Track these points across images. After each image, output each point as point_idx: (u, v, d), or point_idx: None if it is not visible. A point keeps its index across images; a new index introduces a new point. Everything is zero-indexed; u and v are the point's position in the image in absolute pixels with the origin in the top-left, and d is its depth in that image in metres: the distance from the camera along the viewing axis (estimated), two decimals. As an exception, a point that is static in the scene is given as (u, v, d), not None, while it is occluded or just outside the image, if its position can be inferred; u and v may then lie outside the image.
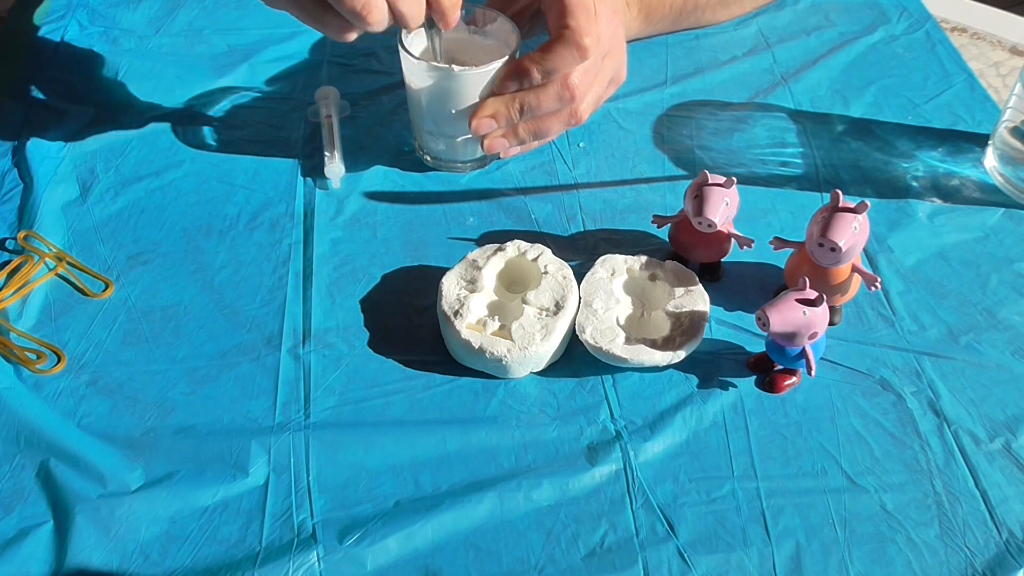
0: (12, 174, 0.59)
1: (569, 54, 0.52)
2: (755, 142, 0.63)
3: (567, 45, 0.51)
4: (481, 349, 0.46)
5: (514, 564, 0.41)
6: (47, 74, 0.68)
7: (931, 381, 0.48)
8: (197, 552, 0.41)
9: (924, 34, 0.72)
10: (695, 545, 0.41)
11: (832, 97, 0.66)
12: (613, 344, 0.47)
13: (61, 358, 0.49)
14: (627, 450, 0.45)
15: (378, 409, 0.47)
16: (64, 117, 0.63)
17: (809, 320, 0.43)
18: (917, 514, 0.43)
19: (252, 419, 0.46)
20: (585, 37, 0.51)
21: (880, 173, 0.61)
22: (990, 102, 0.66)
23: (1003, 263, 0.54)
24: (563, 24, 0.51)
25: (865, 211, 0.45)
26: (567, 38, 0.51)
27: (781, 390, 0.47)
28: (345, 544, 0.41)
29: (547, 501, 0.43)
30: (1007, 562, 0.41)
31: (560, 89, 0.54)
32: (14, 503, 0.42)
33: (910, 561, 0.41)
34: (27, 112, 0.63)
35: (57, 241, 0.55)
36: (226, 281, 0.53)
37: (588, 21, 0.51)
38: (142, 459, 0.44)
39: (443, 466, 0.44)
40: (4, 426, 0.45)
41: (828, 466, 0.44)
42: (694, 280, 0.50)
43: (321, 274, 0.53)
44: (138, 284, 0.53)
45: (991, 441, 0.45)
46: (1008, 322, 0.51)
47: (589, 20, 0.51)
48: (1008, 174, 0.59)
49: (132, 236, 0.55)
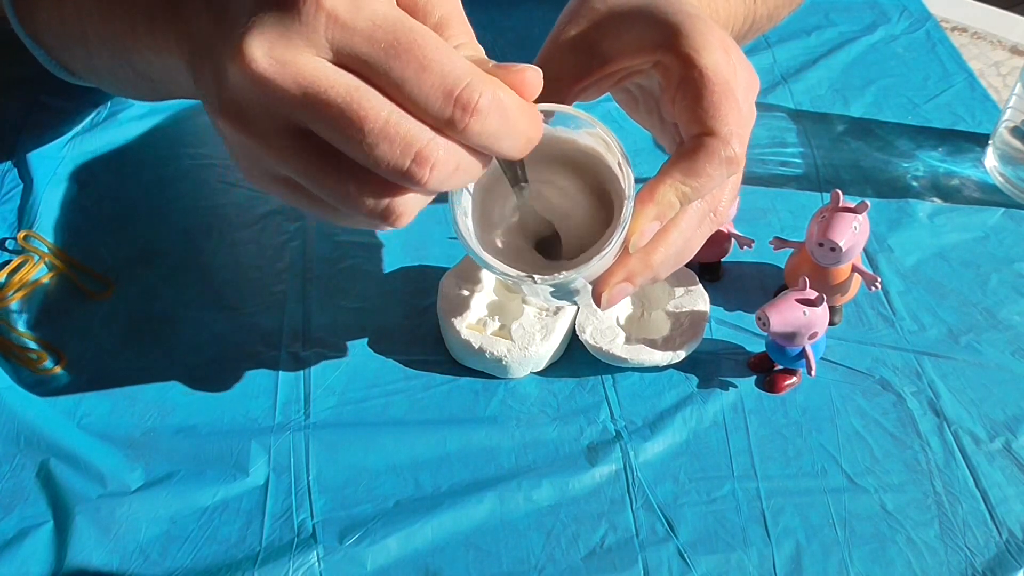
0: (12, 174, 0.59)
1: (719, 173, 0.36)
2: (755, 142, 0.62)
3: (715, 161, 0.36)
4: (481, 349, 0.46)
5: (514, 564, 0.41)
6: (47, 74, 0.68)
7: (931, 381, 0.48)
8: (197, 552, 0.41)
9: (924, 34, 0.72)
10: (695, 545, 0.41)
11: (832, 97, 0.66)
12: (613, 344, 0.47)
13: (61, 358, 0.49)
14: (627, 450, 0.45)
15: (378, 409, 0.47)
16: (64, 117, 0.63)
17: (809, 320, 0.43)
18: (917, 514, 0.43)
19: (252, 419, 0.46)
20: (736, 143, 0.36)
21: (880, 173, 0.61)
22: (990, 102, 0.66)
23: (1003, 263, 0.54)
24: (705, 128, 0.36)
25: (865, 211, 0.45)
26: (714, 151, 0.36)
27: (781, 390, 0.47)
28: (345, 544, 0.41)
29: (547, 501, 0.43)
30: (1007, 562, 0.41)
31: (709, 205, 0.39)
32: (14, 503, 0.42)
33: (910, 561, 0.41)
34: (27, 112, 0.63)
35: (57, 241, 0.55)
36: (226, 281, 0.53)
37: (736, 114, 0.36)
38: (142, 459, 0.44)
39: (443, 466, 0.44)
40: (4, 426, 0.45)
41: (828, 466, 0.44)
42: (694, 280, 0.50)
43: (321, 274, 0.53)
44: (138, 284, 0.53)
45: (991, 441, 0.45)
46: (1008, 322, 0.51)
47: (737, 113, 0.36)
48: (1008, 174, 0.59)
49: (132, 236, 0.55)
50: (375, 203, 0.31)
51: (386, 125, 0.29)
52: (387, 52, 0.29)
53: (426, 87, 0.29)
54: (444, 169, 0.30)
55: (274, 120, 0.30)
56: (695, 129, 0.36)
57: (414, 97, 0.29)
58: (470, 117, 0.29)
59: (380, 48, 0.29)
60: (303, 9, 0.29)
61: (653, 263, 0.38)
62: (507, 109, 0.30)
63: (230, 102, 0.30)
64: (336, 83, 0.29)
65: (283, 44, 0.29)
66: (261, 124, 0.30)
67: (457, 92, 0.29)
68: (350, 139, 0.29)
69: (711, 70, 0.36)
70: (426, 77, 0.29)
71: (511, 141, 0.31)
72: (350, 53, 0.29)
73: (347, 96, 0.29)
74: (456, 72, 0.29)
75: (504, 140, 0.31)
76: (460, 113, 0.29)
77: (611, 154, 0.38)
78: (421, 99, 0.29)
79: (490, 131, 0.30)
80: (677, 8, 0.38)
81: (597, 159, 0.39)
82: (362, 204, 0.31)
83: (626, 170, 0.36)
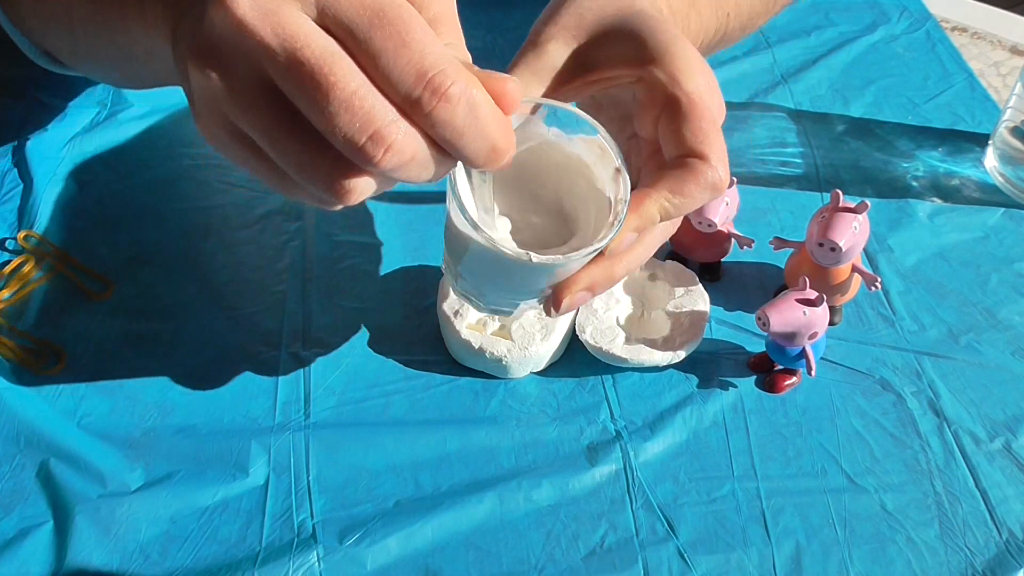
0: (12, 174, 0.59)
1: (704, 195, 0.37)
2: (755, 142, 0.63)
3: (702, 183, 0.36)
4: (481, 349, 0.46)
5: (514, 564, 0.41)
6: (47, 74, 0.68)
7: (931, 381, 0.48)
8: (197, 552, 0.41)
9: (924, 34, 0.72)
10: (695, 545, 0.41)
11: (832, 97, 0.66)
12: (613, 344, 0.47)
13: (61, 358, 0.48)
14: (627, 450, 0.45)
15: (378, 409, 0.47)
16: (64, 117, 0.63)
17: (809, 320, 0.43)
18: (917, 514, 0.43)
19: (252, 419, 0.46)
20: (722, 168, 0.36)
21: (880, 173, 0.61)
22: (990, 102, 0.66)
23: (1003, 263, 0.54)
24: (694, 151, 0.36)
25: (865, 211, 0.45)
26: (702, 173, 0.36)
27: (781, 390, 0.47)
28: (345, 544, 0.41)
29: (547, 501, 0.43)
30: (1007, 562, 0.41)
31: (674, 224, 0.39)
32: (14, 503, 0.42)
33: (910, 561, 0.41)
34: (27, 112, 0.63)
35: (57, 241, 0.55)
36: (226, 281, 0.53)
37: (720, 140, 0.37)
38: (142, 459, 0.44)
39: (443, 466, 0.44)
40: (4, 426, 0.45)
41: (828, 466, 0.44)
42: (694, 280, 0.50)
43: (321, 274, 0.53)
44: (138, 284, 0.53)
45: (991, 441, 0.45)
46: (1008, 322, 0.51)
47: (721, 139, 0.37)
48: (1008, 174, 0.59)
49: (132, 236, 0.55)
50: (326, 174, 0.30)
51: (352, 96, 0.28)
52: (371, 21, 0.29)
53: (401, 62, 0.29)
54: (399, 155, 0.29)
55: (246, 68, 0.29)
56: (682, 151, 0.36)
57: (388, 71, 0.29)
58: (438, 101, 0.29)
59: (365, 16, 0.29)
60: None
61: (615, 274, 0.38)
62: (478, 108, 0.30)
63: (205, 42, 0.30)
64: (313, 43, 0.28)
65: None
66: (232, 70, 0.30)
67: (431, 75, 0.29)
68: (314, 103, 0.29)
69: (697, 95, 0.36)
70: (403, 52, 0.29)
71: (476, 143, 0.30)
72: (334, 16, 0.29)
73: (321, 58, 0.28)
74: (434, 55, 0.29)
75: (468, 140, 0.30)
76: (428, 95, 0.29)
77: (604, 164, 0.37)
78: (395, 74, 0.29)
79: (455, 123, 0.29)
80: (664, 28, 0.38)
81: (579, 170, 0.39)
82: (313, 173, 0.30)
83: (624, 178, 0.36)
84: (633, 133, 0.40)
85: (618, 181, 0.36)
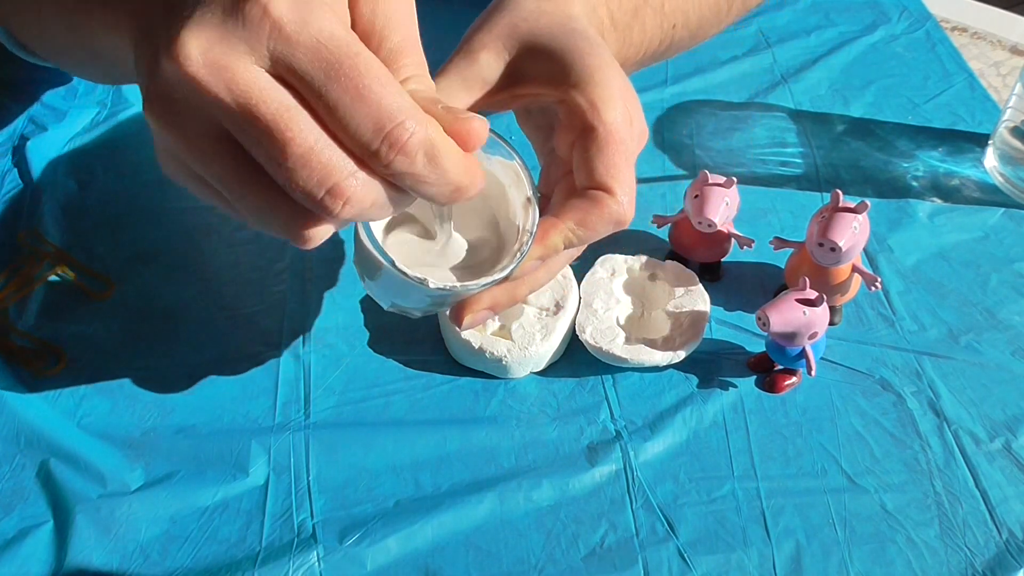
0: (12, 174, 0.59)
1: (608, 228, 0.38)
2: (755, 142, 0.63)
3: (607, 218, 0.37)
4: (481, 349, 0.46)
5: (514, 564, 0.41)
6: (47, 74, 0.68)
7: (931, 381, 0.48)
8: (197, 552, 0.41)
9: (924, 34, 0.72)
10: (695, 545, 0.41)
11: (832, 97, 0.66)
12: (613, 344, 0.47)
13: (61, 358, 0.49)
14: (627, 450, 0.45)
15: (378, 409, 0.47)
16: (64, 117, 0.63)
17: (809, 320, 0.43)
18: (917, 514, 0.43)
19: (252, 419, 0.46)
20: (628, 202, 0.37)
21: (880, 173, 0.61)
22: (990, 102, 0.66)
23: (1003, 263, 0.54)
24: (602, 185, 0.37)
25: (865, 211, 0.45)
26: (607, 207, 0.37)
27: (781, 390, 0.47)
28: (345, 544, 0.41)
29: (547, 501, 0.43)
30: (1007, 562, 0.41)
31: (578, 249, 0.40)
32: (14, 503, 0.43)
33: (910, 561, 0.41)
34: (27, 112, 0.63)
35: (57, 241, 0.55)
36: (226, 281, 0.53)
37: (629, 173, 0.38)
38: (142, 459, 0.44)
39: (443, 466, 0.44)
40: (4, 426, 0.45)
41: (828, 466, 0.44)
42: (694, 280, 0.50)
43: (321, 274, 0.53)
44: (138, 284, 0.53)
45: (991, 441, 0.45)
46: (1008, 322, 0.51)
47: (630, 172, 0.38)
48: (1008, 174, 0.59)
49: (132, 236, 0.55)
50: (285, 224, 0.31)
51: (309, 152, 0.28)
52: (327, 73, 0.28)
53: (359, 116, 0.28)
54: (358, 205, 0.29)
55: (200, 122, 0.29)
56: (592, 183, 0.37)
57: (345, 124, 0.28)
58: (396, 155, 0.29)
59: (320, 68, 0.28)
60: (249, 13, 0.28)
61: (518, 296, 0.40)
62: (438, 155, 0.30)
63: (159, 95, 0.29)
64: (269, 98, 0.28)
65: (222, 46, 0.28)
66: (186, 123, 0.29)
67: (389, 128, 0.28)
68: (272, 158, 0.28)
69: (614, 127, 0.37)
70: (360, 106, 0.28)
71: (437, 188, 0.30)
72: (289, 67, 0.28)
73: (277, 114, 0.28)
74: (393, 107, 0.29)
75: (429, 186, 0.30)
76: (386, 149, 0.29)
77: (519, 189, 0.38)
78: (351, 127, 0.28)
79: (414, 173, 0.30)
80: (593, 50, 0.38)
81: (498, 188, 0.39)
82: (272, 221, 0.31)
83: (533, 209, 0.37)
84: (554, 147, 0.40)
85: (527, 211, 0.37)
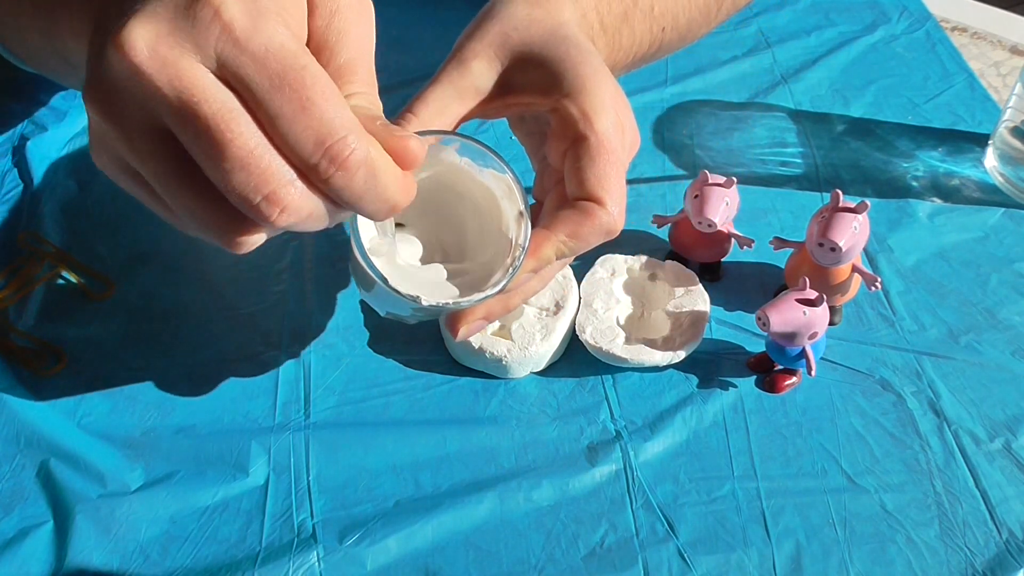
0: (12, 174, 0.59)
1: (598, 238, 0.38)
2: (755, 142, 0.63)
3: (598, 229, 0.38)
4: (481, 349, 0.46)
5: (514, 564, 0.41)
6: (47, 74, 0.68)
7: (931, 381, 0.48)
8: (197, 552, 0.41)
9: (924, 34, 0.72)
10: (695, 545, 0.41)
11: (832, 97, 0.66)
12: (613, 344, 0.47)
13: (61, 358, 0.48)
14: (627, 450, 0.45)
15: (378, 409, 0.47)
16: (64, 117, 0.63)
17: (809, 320, 0.43)
18: (917, 514, 0.43)
19: (252, 419, 0.46)
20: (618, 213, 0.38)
21: (880, 173, 0.61)
22: (990, 102, 0.66)
23: (1003, 263, 0.54)
24: (593, 196, 0.37)
25: (865, 211, 0.45)
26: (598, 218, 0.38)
27: (781, 390, 0.47)
28: (345, 544, 0.41)
29: (547, 501, 0.43)
30: (1007, 562, 0.41)
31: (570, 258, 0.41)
32: (14, 503, 0.42)
33: (910, 561, 0.41)
34: (27, 112, 0.63)
35: (57, 241, 0.55)
36: (226, 281, 0.53)
37: (620, 183, 0.38)
38: (142, 459, 0.44)
39: (443, 466, 0.44)
40: (4, 426, 0.45)
41: (828, 466, 0.44)
42: (694, 280, 0.50)
43: (321, 274, 0.53)
44: (138, 284, 0.53)
45: (991, 441, 0.45)
46: (1008, 322, 0.51)
47: (621, 182, 0.38)
48: (1008, 174, 0.59)
49: (132, 236, 0.55)
50: (220, 228, 0.30)
51: (249, 155, 0.28)
52: (272, 83, 0.28)
53: (300, 129, 0.28)
54: (294, 214, 0.29)
55: (139, 115, 0.29)
56: (583, 193, 0.38)
57: (286, 135, 0.28)
58: (335, 170, 0.29)
59: (266, 76, 0.28)
60: (199, 13, 0.28)
61: (511, 305, 0.41)
62: (377, 173, 0.30)
63: (100, 84, 0.29)
64: (212, 97, 0.28)
65: (169, 41, 0.28)
66: (125, 115, 0.29)
67: (330, 143, 0.28)
68: (210, 158, 0.28)
69: (604, 136, 0.37)
70: (302, 119, 0.28)
71: (374, 205, 0.31)
72: (235, 72, 0.28)
73: (219, 114, 0.28)
74: (335, 122, 0.28)
75: (366, 203, 0.30)
76: (327, 164, 0.29)
77: (511, 202, 0.38)
78: (292, 139, 0.28)
79: (353, 189, 0.29)
80: (585, 59, 0.39)
81: (491, 200, 0.39)
82: (207, 224, 0.30)
83: (525, 223, 0.37)
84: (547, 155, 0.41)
85: (520, 224, 0.38)
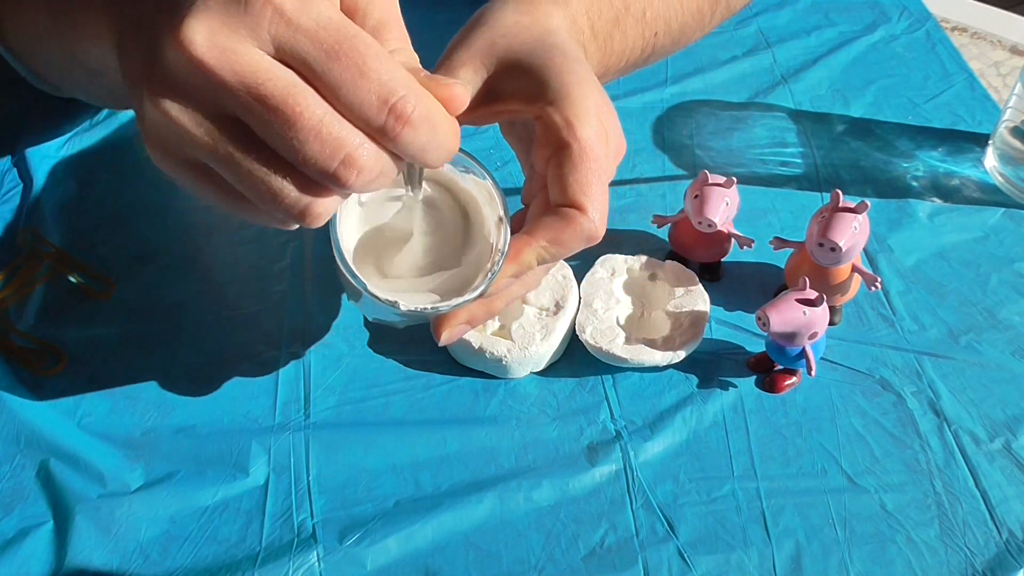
0: (12, 174, 0.59)
1: (579, 245, 0.38)
2: (755, 142, 0.63)
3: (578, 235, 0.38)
4: (481, 349, 0.46)
5: (514, 564, 0.41)
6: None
7: (931, 381, 0.48)
8: (197, 552, 0.41)
9: (924, 34, 0.72)
10: (695, 545, 0.41)
11: (832, 97, 0.66)
12: (613, 344, 0.47)
13: (61, 358, 0.48)
14: (627, 450, 0.45)
15: (378, 409, 0.47)
16: (64, 117, 0.63)
17: (809, 320, 0.43)
18: (917, 514, 0.43)
19: (252, 419, 0.46)
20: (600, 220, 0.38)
21: (880, 173, 0.61)
22: (990, 102, 0.66)
23: (1003, 263, 0.54)
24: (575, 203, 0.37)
25: (865, 211, 0.45)
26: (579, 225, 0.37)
27: (781, 390, 0.47)
28: (345, 544, 0.41)
29: (547, 501, 0.43)
30: (1007, 562, 0.41)
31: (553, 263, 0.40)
32: (14, 503, 0.43)
33: (910, 561, 0.41)
34: (27, 112, 0.63)
35: (57, 241, 0.55)
36: (226, 281, 0.53)
37: (602, 190, 0.38)
38: (142, 459, 0.44)
39: (443, 466, 0.44)
40: (4, 426, 0.45)
41: (828, 466, 0.44)
42: (694, 280, 0.50)
43: (321, 274, 0.53)
44: (138, 284, 0.53)
45: (991, 441, 0.45)
46: (1008, 322, 0.51)
47: (603, 190, 0.38)
48: (1008, 174, 0.59)
49: (132, 236, 0.55)
50: (295, 201, 0.31)
51: (320, 125, 0.29)
52: (328, 54, 0.29)
53: (363, 93, 0.29)
54: (369, 174, 0.31)
55: (205, 106, 0.30)
56: (564, 200, 0.38)
57: (349, 102, 0.30)
58: (403, 127, 0.30)
59: (322, 49, 0.29)
60: (251, 1, 0.29)
61: (494, 310, 0.41)
62: (437, 124, 0.31)
63: (162, 80, 0.30)
64: (275, 77, 0.29)
65: (226, 31, 0.29)
66: (191, 108, 0.30)
67: (393, 101, 0.30)
68: (282, 135, 0.29)
69: (587, 143, 0.37)
70: (363, 83, 0.29)
71: (435, 153, 0.32)
72: (291, 51, 0.29)
73: (284, 91, 0.29)
74: (393, 81, 0.30)
75: (429, 152, 0.32)
76: (393, 122, 0.30)
77: (492, 208, 0.39)
78: (356, 104, 0.30)
79: (419, 142, 0.31)
80: (570, 67, 0.39)
81: (473, 204, 0.40)
82: (281, 201, 0.31)
83: (505, 228, 0.38)
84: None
85: (500, 230, 0.38)
